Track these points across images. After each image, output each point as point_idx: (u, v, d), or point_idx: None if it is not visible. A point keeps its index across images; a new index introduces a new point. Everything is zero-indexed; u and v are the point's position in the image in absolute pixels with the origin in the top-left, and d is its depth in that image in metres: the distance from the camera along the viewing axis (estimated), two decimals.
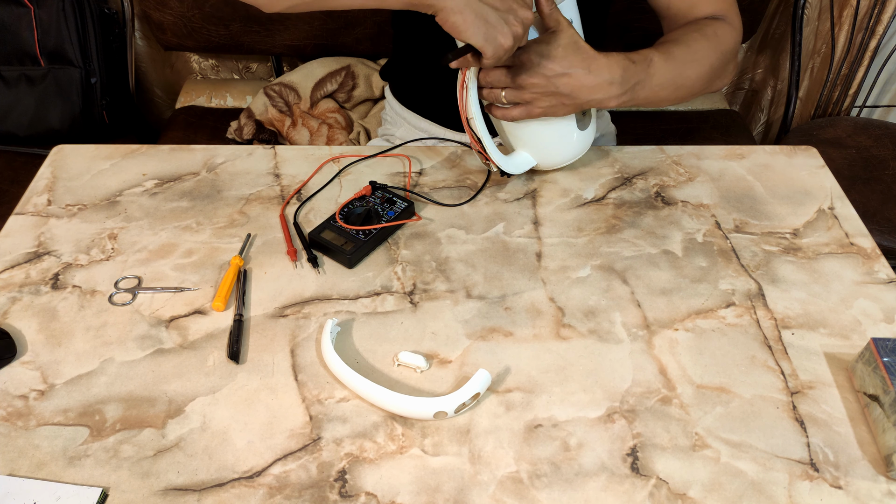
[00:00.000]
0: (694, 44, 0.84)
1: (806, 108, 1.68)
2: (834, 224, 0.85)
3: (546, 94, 0.77)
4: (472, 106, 0.80)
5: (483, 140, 0.82)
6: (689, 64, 0.83)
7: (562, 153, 0.87)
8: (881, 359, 0.63)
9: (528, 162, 0.87)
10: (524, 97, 0.77)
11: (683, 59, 0.83)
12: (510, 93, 0.78)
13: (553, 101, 0.77)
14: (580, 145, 0.87)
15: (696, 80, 0.85)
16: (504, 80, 0.77)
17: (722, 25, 0.87)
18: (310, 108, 1.47)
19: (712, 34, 0.85)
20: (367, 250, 0.80)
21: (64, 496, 0.58)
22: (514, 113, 0.80)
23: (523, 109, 0.79)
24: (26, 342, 0.70)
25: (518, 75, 0.75)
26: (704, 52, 0.84)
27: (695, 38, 0.84)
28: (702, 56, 0.84)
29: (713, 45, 0.85)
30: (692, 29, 0.85)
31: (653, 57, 0.80)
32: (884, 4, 1.47)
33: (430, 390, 0.67)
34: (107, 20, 1.48)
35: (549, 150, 0.87)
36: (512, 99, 0.78)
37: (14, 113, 1.42)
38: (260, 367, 0.68)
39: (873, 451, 0.62)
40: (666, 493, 0.59)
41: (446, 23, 0.67)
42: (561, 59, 0.75)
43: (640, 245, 0.82)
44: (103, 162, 0.92)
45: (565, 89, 0.76)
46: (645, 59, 0.80)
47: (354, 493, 0.59)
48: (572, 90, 0.76)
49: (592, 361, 0.69)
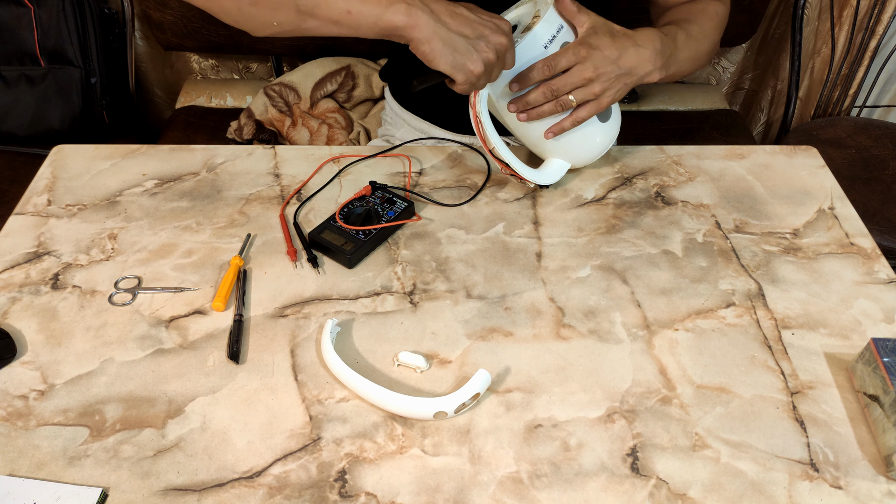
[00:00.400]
0: (704, 22, 0.90)
1: (806, 108, 1.68)
2: (834, 224, 0.85)
3: (614, 78, 0.79)
4: (491, 136, 0.82)
5: (511, 164, 0.84)
6: (702, 41, 0.90)
7: (592, 149, 0.88)
8: (881, 359, 0.63)
9: (562, 168, 0.88)
10: (594, 90, 0.79)
11: (698, 36, 0.89)
12: (581, 91, 0.79)
13: (619, 83, 0.80)
14: (608, 137, 0.88)
15: (705, 54, 0.91)
16: (572, 80, 0.78)
17: (719, 6, 0.93)
18: (310, 108, 1.47)
19: (714, 13, 0.92)
20: (367, 250, 0.80)
21: (64, 496, 0.58)
22: (584, 113, 0.81)
23: (594, 105, 0.81)
24: (26, 342, 0.70)
25: (584, 71, 0.78)
26: (710, 29, 0.91)
27: (702, 17, 0.90)
28: (709, 33, 0.91)
29: (715, 24, 0.92)
30: (698, 9, 0.92)
31: (677, 33, 0.86)
32: (884, 4, 1.47)
33: (430, 390, 0.67)
34: (107, 20, 1.48)
35: (580, 149, 0.87)
36: (583, 97, 0.80)
37: (14, 113, 1.43)
38: (260, 368, 0.68)
39: (873, 452, 0.62)
40: (666, 494, 0.59)
41: (417, 51, 0.70)
42: (611, 45, 0.78)
43: (640, 245, 0.82)
44: (103, 162, 0.92)
45: (626, 68, 0.80)
46: (672, 33, 0.85)
47: (354, 494, 0.59)
48: (631, 67, 0.80)
49: (592, 361, 0.69)
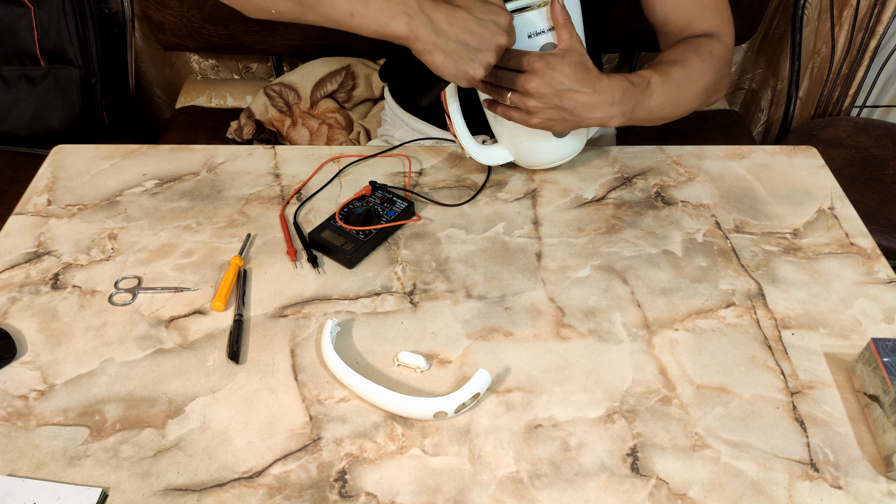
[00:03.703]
0: (690, 64, 0.86)
1: (806, 108, 1.68)
2: (834, 224, 0.85)
3: (549, 106, 0.78)
4: (450, 101, 0.83)
5: (458, 131, 0.84)
6: (686, 84, 0.85)
7: (538, 156, 0.88)
8: (881, 359, 0.63)
9: (503, 157, 0.89)
10: (528, 104, 0.78)
11: (680, 80, 0.85)
12: (516, 96, 0.79)
13: (554, 114, 0.78)
14: (561, 151, 0.88)
15: (692, 98, 0.87)
16: (513, 82, 0.78)
17: (716, 44, 0.89)
18: (310, 108, 1.47)
19: (707, 54, 0.87)
20: (367, 250, 0.80)
21: (64, 496, 0.58)
22: (513, 115, 0.80)
23: (522, 115, 0.80)
24: (26, 342, 0.70)
25: (528, 82, 0.77)
26: (700, 72, 0.86)
27: (691, 58, 0.86)
28: (697, 76, 0.86)
29: (708, 65, 0.87)
30: (689, 49, 0.88)
31: (651, 78, 0.82)
32: (884, 4, 1.47)
33: (430, 390, 0.67)
34: (107, 20, 1.48)
35: (528, 151, 0.88)
36: (516, 103, 0.79)
37: (14, 113, 1.42)
38: (260, 367, 0.68)
39: (873, 451, 0.62)
40: (666, 494, 0.59)
41: (421, 59, 0.72)
42: (569, 75, 0.76)
43: (640, 245, 0.82)
44: (103, 162, 0.92)
45: (569, 105, 0.78)
46: (643, 80, 0.82)
47: (354, 494, 0.59)
48: (574, 106, 0.78)
49: (592, 361, 0.69)
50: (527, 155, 0.88)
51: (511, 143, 0.87)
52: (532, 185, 0.90)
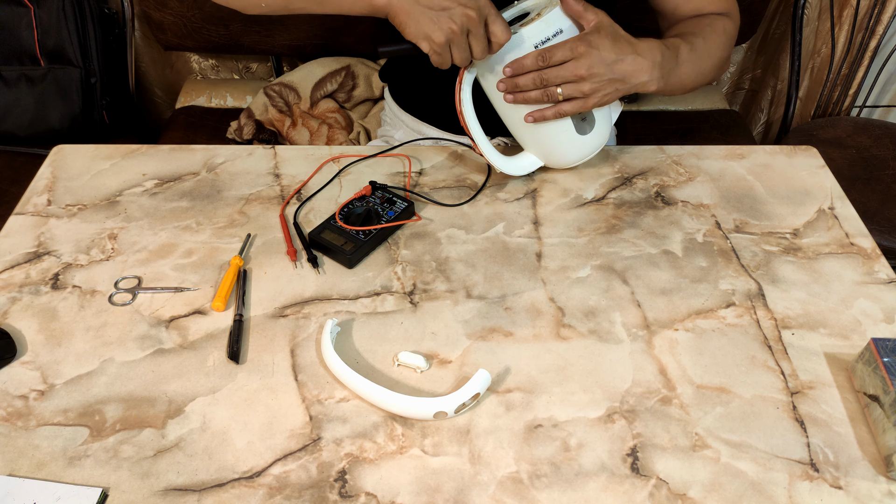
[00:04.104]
0: (710, 38, 0.89)
1: (806, 108, 1.68)
2: (834, 224, 0.85)
3: (606, 81, 0.79)
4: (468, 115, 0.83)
5: (480, 145, 0.85)
6: (707, 57, 0.88)
7: (566, 154, 0.88)
8: (881, 359, 0.63)
9: (533, 164, 0.89)
10: (584, 89, 0.79)
11: (702, 52, 0.87)
12: (569, 87, 0.79)
13: (610, 87, 0.80)
14: (587, 148, 0.88)
15: (709, 70, 0.90)
16: (563, 74, 0.78)
17: (728, 22, 0.92)
18: (310, 108, 1.47)
19: (722, 30, 0.90)
20: (367, 250, 0.80)
21: (64, 496, 0.58)
22: (568, 108, 0.81)
23: (579, 102, 0.81)
24: (26, 342, 0.70)
25: (579, 68, 0.78)
26: (717, 46, 0.89)
27: (709, 32, 0.89)
28: (715, 50, 0.89)
29: (723, 40, 0.90)
30: (705, 24, 0.90)
31: (680, 46, 0.85)
32: (884, 4, 1.47)
33: (430, 390, 0.67)
34: (107, 20, 1.48)
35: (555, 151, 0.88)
36: (571, 93, 0.80)
37: (14, 113, 1.42)
38: (260, 368, 0.68)
39: (873, 452, 0.62)
40: (666, 494, 0.59)
41: (394, 21, 0.75)
42: (611, 48, 0.78)
43: (640, 245, 0.82)
44: (103, 162, 0.92)
45: (619, 74, 0.79)
46: (675, 47, 0.84)
47: (354, 494, 0.59)
48: (625, 74, 0.80)
49: (592, 361, 0.69)
50: (557, 155, 0.88)
51: (539, 148, 0.87)
52: (532, 185, 0.90)
